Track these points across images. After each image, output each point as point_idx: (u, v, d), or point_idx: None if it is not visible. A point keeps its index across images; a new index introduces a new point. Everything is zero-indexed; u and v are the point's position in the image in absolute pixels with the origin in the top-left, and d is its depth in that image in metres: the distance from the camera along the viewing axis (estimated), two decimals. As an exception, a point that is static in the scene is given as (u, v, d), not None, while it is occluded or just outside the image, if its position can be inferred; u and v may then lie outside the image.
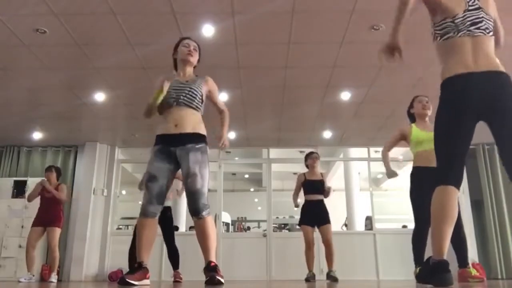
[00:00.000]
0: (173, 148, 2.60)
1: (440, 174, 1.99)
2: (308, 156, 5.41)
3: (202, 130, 2.68)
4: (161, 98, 2.63)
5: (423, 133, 3.63)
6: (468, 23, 2.08)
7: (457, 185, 1.98)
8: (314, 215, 5.11)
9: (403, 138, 3.79)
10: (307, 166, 5.39)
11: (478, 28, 2.07)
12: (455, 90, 2.00)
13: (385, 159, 3.81)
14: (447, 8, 2.12)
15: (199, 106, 2.71)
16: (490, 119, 1.97)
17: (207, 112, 2.88)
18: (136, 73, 5.06)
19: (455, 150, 1.97)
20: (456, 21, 2.09)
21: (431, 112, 3.75)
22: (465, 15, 2.10)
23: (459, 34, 2.07)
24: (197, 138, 2.61)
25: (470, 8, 2.11)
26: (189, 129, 2.61)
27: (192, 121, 2.65)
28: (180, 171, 2.65)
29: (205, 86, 2.80)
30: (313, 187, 5.19)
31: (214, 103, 2.91)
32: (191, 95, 2.67)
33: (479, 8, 2.11)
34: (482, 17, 2.09)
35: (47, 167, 5.74)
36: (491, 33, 2.08)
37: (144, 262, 2.50)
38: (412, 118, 3.85)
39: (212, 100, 2.89)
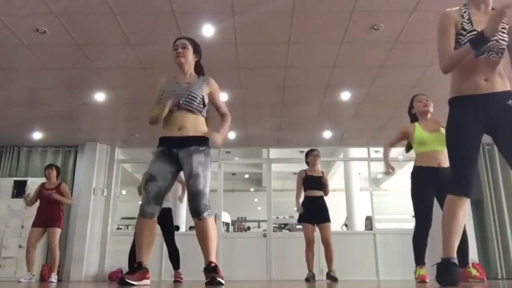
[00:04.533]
0: (175, 150, 2.58)
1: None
2: (309, 153, 5.40)
3: (205, 133, 2.67)
4: (165, 113, 2.63)
5: (427, 134, 3.62)
6: None
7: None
8: (314, 211, 5.10)
9: (406, 137, 3.78)
10: (307, 164, 5.39)
11: None
12: None
13: (385, 153, 3.79)
14: None
15: (200, 109, 2.67)
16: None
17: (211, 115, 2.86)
18: (136, 73, 5.06)
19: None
20: None
21: (432, 109, 3.75)
22: None
23: None
24: (200, 140, 2.60)
25: None
26: (192, 132, 2.60)
27: (195, 124, 2.63)
28: (181, 174, 2.63)
29: (206, 88, 2.74)
30: (314, 183, 5.19)
31: (215, 105, 2.83)
32: (190, 99, 2.63)
33: None
34: None
35: (47, 164, 5.75)
36: None
37: (144, 262, 2.50)
38: (414, 118, 3.84)
39: (213, 103, 2.81)
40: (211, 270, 2.40)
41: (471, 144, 2.14)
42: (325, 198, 5.23)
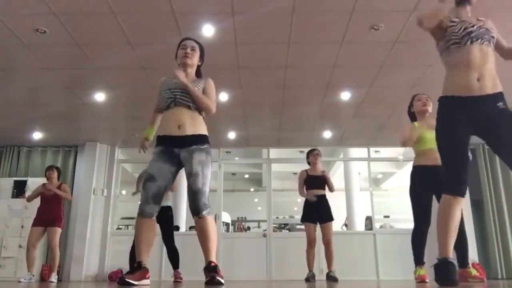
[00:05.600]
0: (177, 149, 2.58)
1: None
2: (310, 153, 5.42)
3: (204, 131, 2.67)
4: (153, 134, 2.83)
5: (427, 132, 3.63)
6: None
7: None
8: (317, 210, 5.11)
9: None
10: (308, 163, 5.40)
11: None
12: None
13: (410, 136, 3.57)
14: None
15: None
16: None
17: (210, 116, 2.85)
18: (136, 73, 5.06)
19: None
20: None
21: (431, 109, 3.75)
22: None
23: None
24: (200, 139, 2.61)
25: None
26: (192, 131, 2.60)
27: (194, 122, 2.63)
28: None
29: (203, 86, 2.74)
30: (315, 183, 5.20)
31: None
32: (187, 95, 2.64)
33: None
34: None
35: (48, 166, 5.76)
36: None
37: (144, 262, 2.50)
38: (413, 117, 3.84)
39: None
40: (211, 270, 2.40)
41: (462, 144, 2.16)
42: (331, 192, 5.22)
